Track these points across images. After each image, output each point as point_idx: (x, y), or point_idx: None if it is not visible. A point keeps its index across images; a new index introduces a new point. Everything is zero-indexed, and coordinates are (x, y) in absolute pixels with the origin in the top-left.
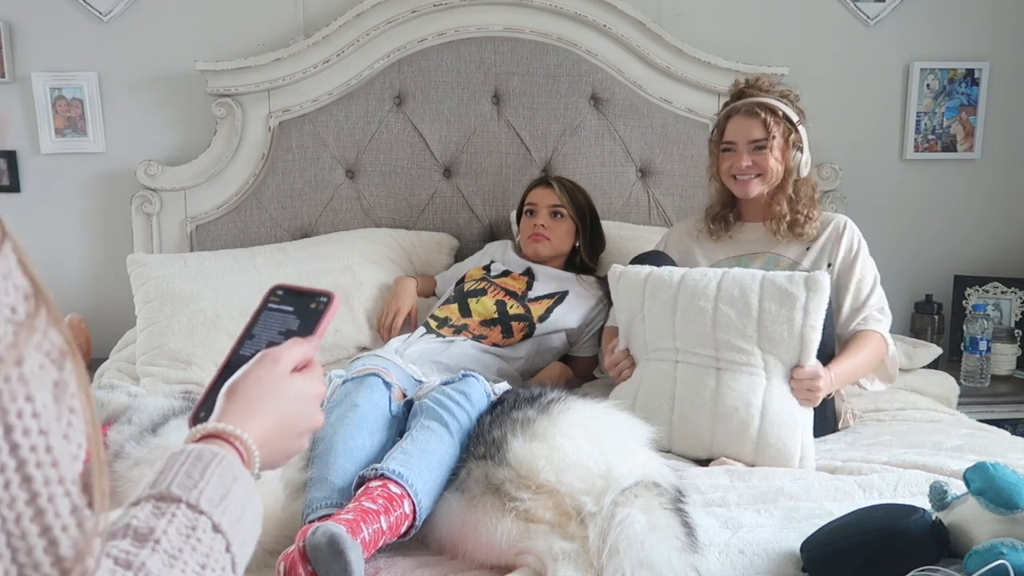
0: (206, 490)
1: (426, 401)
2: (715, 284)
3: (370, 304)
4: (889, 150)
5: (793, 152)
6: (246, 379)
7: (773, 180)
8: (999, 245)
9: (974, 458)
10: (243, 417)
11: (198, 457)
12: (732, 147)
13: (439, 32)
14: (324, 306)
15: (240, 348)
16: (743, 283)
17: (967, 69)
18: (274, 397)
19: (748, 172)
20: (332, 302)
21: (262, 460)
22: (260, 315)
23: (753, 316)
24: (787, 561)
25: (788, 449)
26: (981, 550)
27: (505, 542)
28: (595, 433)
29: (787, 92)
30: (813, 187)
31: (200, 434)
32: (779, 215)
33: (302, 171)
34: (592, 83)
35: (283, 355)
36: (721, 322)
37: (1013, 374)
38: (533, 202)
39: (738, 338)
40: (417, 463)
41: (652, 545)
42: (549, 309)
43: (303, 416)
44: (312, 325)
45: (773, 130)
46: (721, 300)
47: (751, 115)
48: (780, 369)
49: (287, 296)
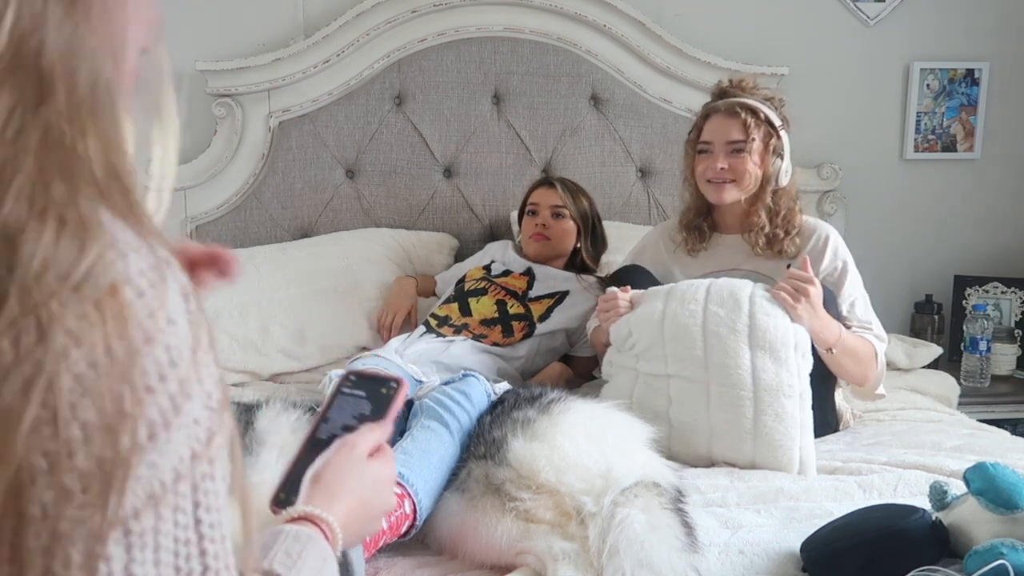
0: (303, 569)
1: (426, 401)
2: (704, 289)
3: (370, 304)
4: (889, 150)
5: (773, 159)
6: (329, 466)
7: (750, 187)
8: (999, 245)
9: (974, 458)
10: (328, 501)
11: (295, 538)
12: (708, 148)
13: (439, 32)
14: (394, 392)
15: (317, 431)
16: (733, 285)
17: (967, 69)
18: (353, 482)
19: (723, 176)
20: (401, 388)
21: (343, 541)
22: (335, 400)
23: (744, 311)
24: (787, 561)
25: (787, 459)
26: (981, 550)
27: (505, 542)
28: (595, 433)
29: (772, 96)
30: (793, 199)
31: (292, 515)
32: (757, 226)
33: (302, 171)
34: (592, 83)
35: (359, 442)
36: (711, 320)
37: (1013, 374)
38: (535, 202)
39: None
40: (417, 463)
41: (652, 545)
42: (549, 309)
43: (379, 499)
44: (383, 409)
45: (753, 132)
46: (711, 301)
47: (731, 115)
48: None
49: (360, 381)
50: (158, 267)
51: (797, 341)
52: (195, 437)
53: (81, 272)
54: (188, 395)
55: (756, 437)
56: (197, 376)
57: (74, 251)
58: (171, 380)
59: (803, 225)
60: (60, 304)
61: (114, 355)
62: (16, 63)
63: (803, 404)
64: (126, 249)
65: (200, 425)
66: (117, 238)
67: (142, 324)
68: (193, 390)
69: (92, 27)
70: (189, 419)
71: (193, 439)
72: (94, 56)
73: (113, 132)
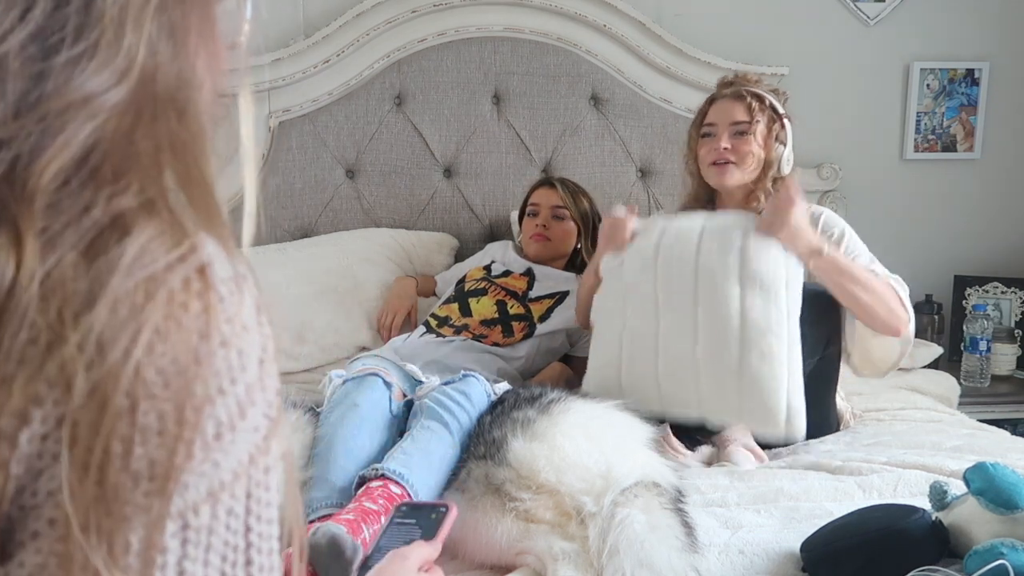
0: None
1: (426, 401)
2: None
3: (370, 304)
4: (889, 150)
5: (776, 145)
6: (380, 573)
7: (752, 168)
8: (999, 245)
9: (974, 458)
10: None
11: None
12: (712, 131)
13: (439, 32)
14: (443, 515)
15: (368, 560)
16: (727, 220)
17: (967, 69)
18: None
19: (725, 156)
20: (450, 512)
21: None
22: (388, 529)
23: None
24: (787, 561)
25: (773, 403)
26: (981, 550)
27: (505, 542)
28: (595, 433)
29: (776, 89)
30: None
31: None
32: (757, 211)
33: (302, 171)
34: (592, 83)
35: (411, 554)
36: (704, 254)
37: (1013, 374)
38: (536, 202)
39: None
40: (418, 463)
41: (652, 545)
42: (550, 309)
43: None
44: (433, 530)
45: (757, 115)
46: (704, 236)
47: (736, 98)
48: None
49: (410, 511)
50: (237, 278)
51: (788, 278)
52: (254, 443)
53: (174, 271)
54: (253, 401)
55: (741, 377)
56: (262, 384)
57: (169, 248)
58: (240, 384)
59: None
60: (149, 298)
61: (195, 354)
62: (140, 90)
63: (791, 347)
64: (213, 258)
65: (259, 432)
66: (206, 246)
67: (220, 327)
68: (257, 397)
69: (190, 59)
70: (251, 424)
71: (252, 445)
72: (192, 83)
73: (203, 149)
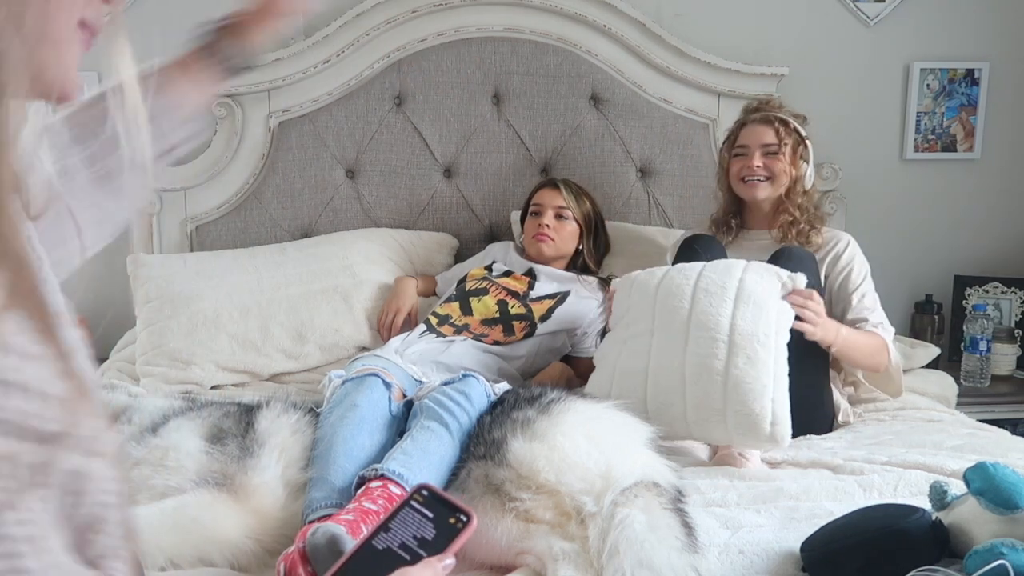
0: None
1: (426, 401)
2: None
3: (370, 304)
4: (889, 150)
5: (801, 163)
6: None
7: (781, 184)
8: (999, 245)
9: (974, 458)
10: None
11: None
12: (744, 151)
13: (439, 32)
14: (463, 525)
15: (373, 538)
16: (729, 261)
17: (967, 69)
18: None
19: (758, 173)
20: (471, 523)
21: None
22: (401, 510)
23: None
24: (787, 561)
25: (758, 408)
26: (981, 550)
27: (505, 542)
28: (595, 433)
29: (797, 114)
30: (816, 205)
31: None
32: (786, 222)
33: (302, 171)
34: (592, 83)
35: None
36: (703, 281)
37: (1013, 374)
38: (539, 203)
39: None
40: (417, 463)
41: (652, 545)
42: (551, 309)
43: None
44: (446, 542)
45: (784, 138)
46: (706, 270)
47: (765, 123)
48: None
49: (431, 499)
50: None
51: (780, 309)
52: None
53: None
54: None
55: (727, 379)
56: None
57: None
58: None
59: (828, 231)
60: None
61: None
62: None
63: (778, 359)
64: None
65: None
66: None
67: None
68: None
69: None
70: None
71: None
72: None
73: None
